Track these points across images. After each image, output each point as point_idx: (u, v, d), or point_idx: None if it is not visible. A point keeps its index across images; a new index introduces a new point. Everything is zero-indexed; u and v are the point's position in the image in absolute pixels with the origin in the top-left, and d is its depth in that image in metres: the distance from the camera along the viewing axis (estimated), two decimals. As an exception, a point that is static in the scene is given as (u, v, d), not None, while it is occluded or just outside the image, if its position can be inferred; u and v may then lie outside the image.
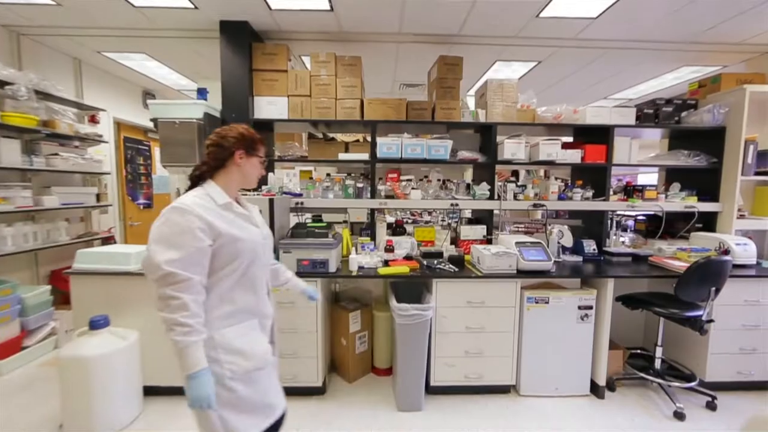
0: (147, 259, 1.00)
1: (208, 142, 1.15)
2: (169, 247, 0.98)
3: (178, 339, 0.95)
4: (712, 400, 2.16)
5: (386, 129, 2.66)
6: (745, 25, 2.52)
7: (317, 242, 2.08)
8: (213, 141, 1.14)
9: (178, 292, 0.96)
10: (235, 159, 1.14)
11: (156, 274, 0.96)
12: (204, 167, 1.14)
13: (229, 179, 1.16)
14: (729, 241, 2.37)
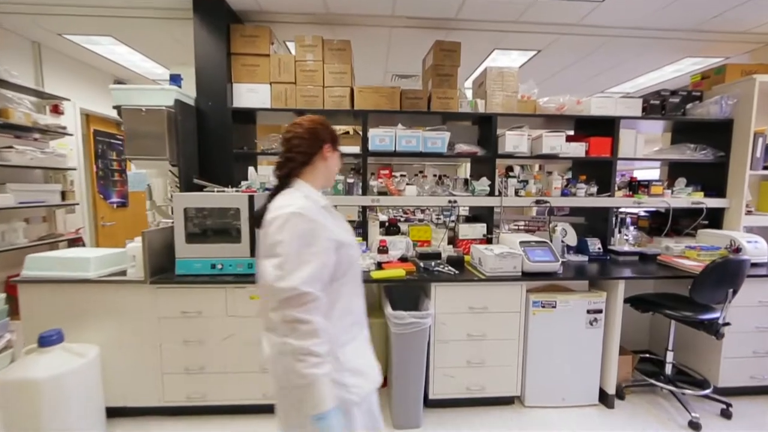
0: (271, 277, 0.84)
1: (289, 135, 1.01)
2: (300, 262, 0.83)
3: (308, 372, 0.80)
4: (726, 408, 2.04)
5: (378, 120, 2.45)
6: (752, 13, 2.40)
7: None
8: (298, 133, 1.01)
9: (308, 314, 0.82)
10: (324, 153, 1.04)
11: (283, 294, 0.82)
12: (292, 164, 1.00)
13: (315, 177, 1.04)
14: (740, 239, 2.25)
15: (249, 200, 1.90)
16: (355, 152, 2.41)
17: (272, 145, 2.49)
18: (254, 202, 1.90)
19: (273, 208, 0.92)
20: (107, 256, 1.91)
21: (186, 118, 2.19)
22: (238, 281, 1.86)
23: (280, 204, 0.92)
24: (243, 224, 1.90)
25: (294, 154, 1.00)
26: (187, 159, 2.18)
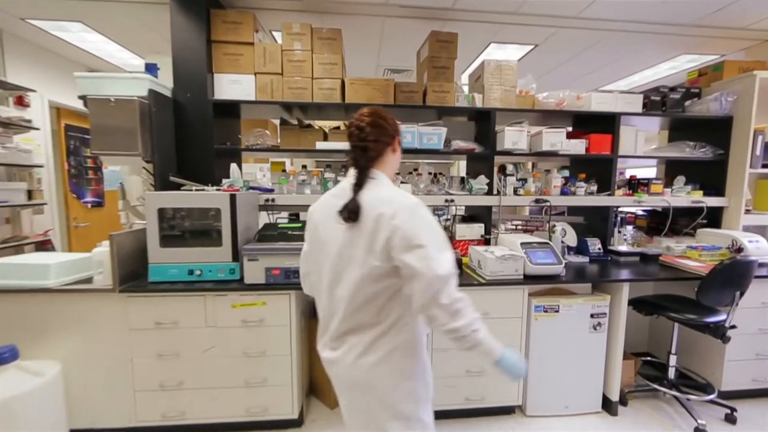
0: (424, 268, 0.84)
1: (363, 123, 0.98)
2: (443, 248, 0.89)
3: (481, 336, 0.88)
4: (731, 413, 1.98)
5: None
6: (752, 8, 2.35)
7: (291, 247, 1.72)
8: (374, 121, 0.99)
9: (459, 290, 0.88)
10: (395, 145, 1.06)
11: (445, 281, 0.85)
12: (371, 153, 0.98)
13: (388, 168, 1.05)
14: (741, 238, 2.20)
15: (231, 200, 1.74)
16: (347, 148, 2.26)
17: (258, 140, 2.32)
18: (237, 202, 1.74)
19: (381, 201, 0.91)
20: (71, 262, 1.72)
21: (161, 110, 2.01)
22: (219, 288, 1.70)
23: (391, 197, 0.93)
24: (224, 226, 1.74)
25: (373, 146, 0.97)
26: (162, 155, 2.00)
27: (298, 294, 1.79)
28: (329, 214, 0.97)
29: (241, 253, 1.73)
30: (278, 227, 1.88)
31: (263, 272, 1.71)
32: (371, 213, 0.89)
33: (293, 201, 2.24)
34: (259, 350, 1.75)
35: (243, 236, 1.82)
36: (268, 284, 1.72)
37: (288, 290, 1.73)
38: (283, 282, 1.72)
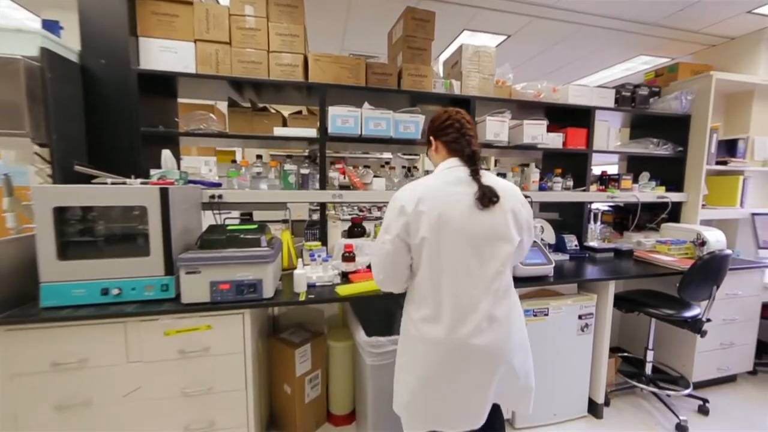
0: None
1: (463, 119, 1.16)
2: None
3: None
4: (704, 404, 2.01)
5: (338, 98, 2.01)
6: (707, 12, 2.45)
7: (244, 254, 1.37)
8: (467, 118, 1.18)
9: None
10: None
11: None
12: (475, 146, 1.14)
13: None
14: (704, 232, 2.26)
15: (162, 196, 1.34)
16: (310, 136, 1.94)
17: (201, 124, 1.90)
18: (170, 198, 1.35)
19: (505, 186, 1.10)
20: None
21: (62, 78, 1.52)
22: (146, 311, 1.30)
23: (502, 182, 1.12)
24: (153, 230, 1.34)
25: (473, 138, 1.13)
26: (64, 137, 1.52)
27: (254, 312, 1.44)
28: (458, 200, 1.04)
29: (176, 265, 1.34)
30: (228, 230, 1.50)
31: (207, 288, 1.34)
32: (507, 196, 1.07)
33: (246, 197, 1.87)
34: (203, 387, 1.37)
35: (180, 242, 1.42)
36: (214, 303, 1.35)
37: (241, 308, 1.38)
38: (234, 299, 1.36)
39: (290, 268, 1.87)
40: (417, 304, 1.10)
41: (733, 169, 2.63)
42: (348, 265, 1.76)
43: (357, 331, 1.50)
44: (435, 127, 1.20)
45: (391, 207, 1.09)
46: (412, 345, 1.12)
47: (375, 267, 1.15)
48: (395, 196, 1.11)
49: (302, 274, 1.52)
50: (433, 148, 1.21)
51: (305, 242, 1.93)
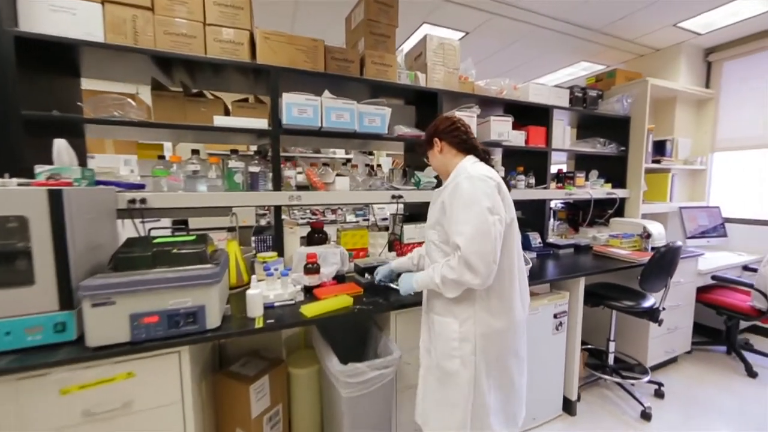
0: None
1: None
2: None
3: None
4: (659, 388, 2.12)
5: (293, 84, 1.74)
6: (643, 22, 2.65)
7: (179, 274, 1.05)
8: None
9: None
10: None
11: None
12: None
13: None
14: (648, 226, 2.42)
15: (51, 201, 0.97)
16: (260, 127, 1.64)
17: (115, 110, 1.49)
18: (65, 204, 0.98)
19: None
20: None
21: None
22: (31, 363, 0.92)
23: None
24: (38, 248, 0.96)
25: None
26: None
27: (195, 349, 1.13)
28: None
29: (78, 295, 0.98)
30: (155, 243, 1.16)
31: (126, 323, 1.00)
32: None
33: (179, 202, 1.50)
34: (123, 457, 1.02)
35: (83, 264, 1.05)
36: (136, 343, 1.01)
37: (176, 346, 1.06)
38: (167, 335, 1.04)
39: (240, 285, 1.55)
40: (499, 293, 1.15)
41: (663, 167, 2.89)
42: (312, 279, 1.51)
43: (327, 358, 1.26)
44: (441, 130, 1.28)
45: (483, 186, 1.09)
46: (491, 341, 1.15)
47: (484, 258, 1.04)
48: (476, 175, 1.11)
49: (257, 294, 1.23)
50: (438, 149, 1.29)
51: (257, 253, 1.63)
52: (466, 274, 1.05)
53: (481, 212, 1.05)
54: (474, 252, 1.03)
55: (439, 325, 1.21)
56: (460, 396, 1.14)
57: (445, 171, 1.30)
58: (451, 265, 1.08)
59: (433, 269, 1.16)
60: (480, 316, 1.14)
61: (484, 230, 1.04)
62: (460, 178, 1.12)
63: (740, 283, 2.38)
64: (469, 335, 1.14)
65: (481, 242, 1.04)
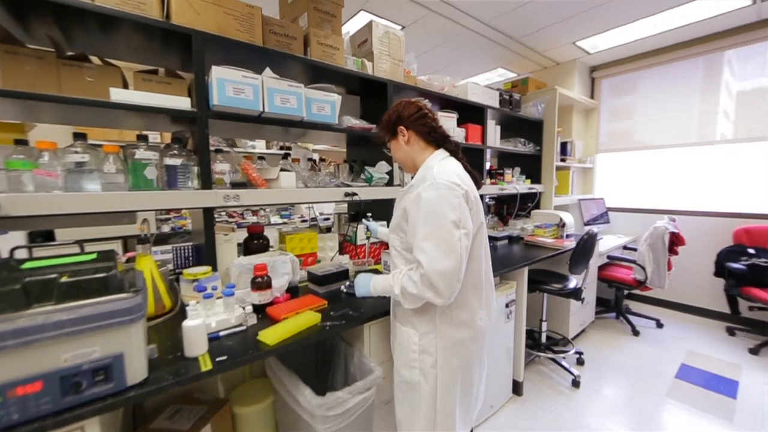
0: None
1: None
2: None
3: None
4: (580, 356, 2.43)
5: (221, 57, 1.41)
6: (552, 36, 3.00)
7: (73, 315, 0.70)
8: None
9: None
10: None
11: None
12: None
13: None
14: (563, 216, 2.77)
15: None
16: (181, 108, 1.28)
17: None
18: None
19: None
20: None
21: None
22: None
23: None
24: None
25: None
26: None
27: (106, 419, 0.79)
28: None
29: None
30: (23, 270, 0.76)
31: (-21, 404, 0.62)
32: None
33: (57, 206, 1.06)
34: None
35: None
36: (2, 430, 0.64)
37: (77, 420, 0.71)
38: (60, 407, 0.69)
39: (161, 314, 1.19)
40: (461, 304, 1.06)
41: (567, 165, 3.36)
42: (262, 295, 1.24)
43: (294, 389, 1.03)
44: (407, 117, 1.14)
45: (450, 196, 0.97)
46: (452, 354, 1.07)
47: (447, 278, 0.95)
48: (443, 182, 0.98)
49: (199, 325, 0.93)
50: (405, 139, 1.15)
51: (185, 270, 1.27)
52: (427, 292, 0.97)
53: (446, 226, 0.95)
54: (437, 272, 0.94)
55: (400, 334, 1.14)
56: (422, 405, 1.09)
57: (411, 165, 1.19)
58: (413, 279, 0.99)
59: (393, 277, 1.06)
60: (442, 330, 1.06)
61: (447, 248, 0.95)
62: (424, 186, 1.00)
63: (627, 260, 2.90)
64: (429, 348, 1.07)
65: (444, 261, 0.94)
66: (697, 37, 3.04)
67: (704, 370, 2.31)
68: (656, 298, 3.36)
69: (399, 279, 1.03)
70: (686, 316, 3.18)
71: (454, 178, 1.01)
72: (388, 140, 1.20)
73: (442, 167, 1.05)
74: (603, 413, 1.93)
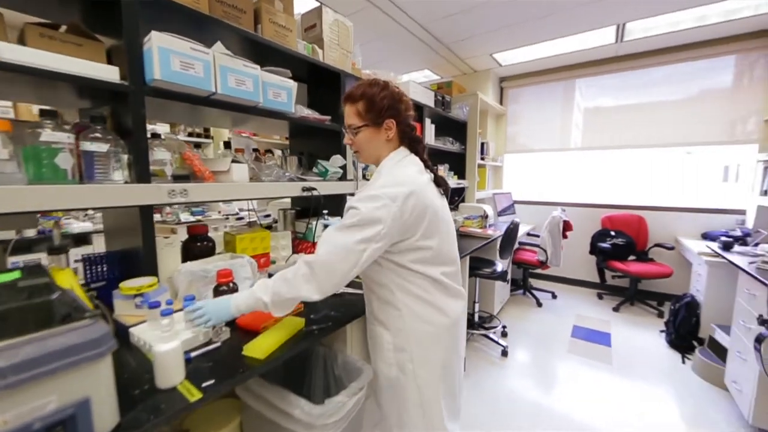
0: None
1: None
2: None
3: None
4: (504, 329, 2.81)
5: (156, 21, 1.16)
6: (472, 46, 3.32)
7: (18, 358, 0.50)
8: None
9: None
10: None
11: None
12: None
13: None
14: (485, 208, 3.13)
15: None
16: (106, 78, 1.01)
17: None
18: None
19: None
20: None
21: None
22: None
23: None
24: None
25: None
26: None
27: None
28: (432, 189, 1.04)
29: None
30: None
31: None
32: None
33: None
34: None
35: None
36: None
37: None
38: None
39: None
40: (426, 300, 1.03)
41: (484, 163, 3.79)
42: (230, 305, 1.08)
43: (283, 403, 0.94)
44: (401, 112, 1.05)
45: (374, 210, 0.90)
46: (425, 346, 1.05)
47: (333, 275, 0.91)
48: (378, 195, 0.92)
49: (175, 349, 0.77)
50: (390, 134, 1.04)
51: (123, 284, 1.02)
52: (302, 287, 0.91)
53: (353, 236, 0.90)
54: (326, 268, 0.90)
55: (372, 332, 1.12)
56: (408, 401, 1.07)
57: (376, 158, 1.08)
58: (286, 276, 0.93)
59: (259, 285, 0.95)
60: (411, 327, 1.03)
61: (340, 248, 0.90)
62: (363, 194, 0.94)
63: (533, 245, 3.45)
64: (403, 345, 1.04)
65: (336, 259, 0.90)
66: (568, 64, 3.78)
67: (588, 328, 2.94)
68: (550, 275, 4.10)
69: (269, 285, 0.94)
70: (572, 287, 3.97)
71: (396, 189, 0.92)
72: (365, 125, 1.03)
73: (397, 174, 0.99)
74: (527, 374, 2.29)
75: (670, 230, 3.43)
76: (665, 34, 3.04)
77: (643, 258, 3.39)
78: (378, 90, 1.03)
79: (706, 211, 3.30)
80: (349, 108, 1.06)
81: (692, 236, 3.26)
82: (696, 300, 2.58)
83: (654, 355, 2.52)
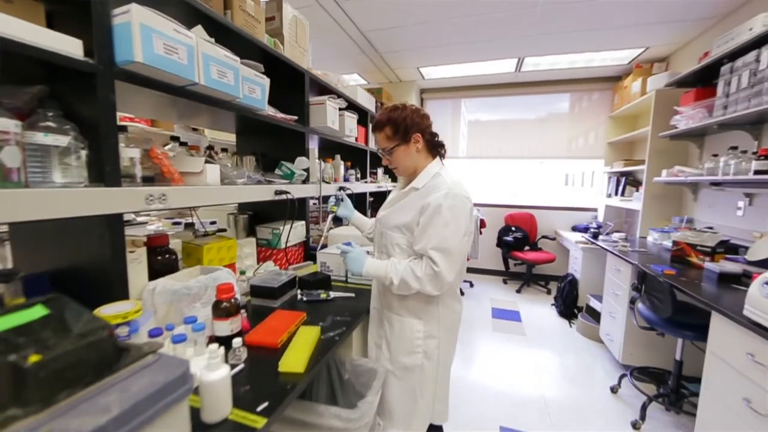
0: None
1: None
2: None
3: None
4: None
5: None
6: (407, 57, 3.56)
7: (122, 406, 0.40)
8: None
9: None
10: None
11: None
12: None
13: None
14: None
15: None
16: (64, 52, 0.79)
17: None
18: None
19: None
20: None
21: None
22: None
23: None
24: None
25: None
26: None
27: None
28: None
29: None
30: None
31: None
32: None
33: None
34: None
35: None
36: None
37: None
38: None
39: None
40: (456, 284, 1.20)
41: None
42: (234, 323, 0.98)
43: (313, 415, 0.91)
44: (421, 124, 1.17)
45: (464, 207, 1.08)
46: (451, 331, 1.22)
47: (451, 274, 1.07)
48: (459, 193, 1.08)
49: (224, 377, 0.68)
50: (419, 146, 1.18)
51: (102, 311, 0.81)
52: (427, 286, 1.05)
53: (459, 233, 1.06)
54: (447, 270, 1.04)
55: (399, 324, 1.18)
56: (424, 386, 1.16)
57: (413, 171, 1.20)
58: (416, 275, 1.05)
59: (391, 266, 1.08)
60: (443, 315, 1.17)
61: (458, 251, 1.06)
62: (440, 194, 1.07)
63: (456, 241, 3.90)
64: (433, 332, 1.16)
65: (453, 268, 1.05)
66: (475, 84, 4.44)
67: (502, 308, 3.51)
68: (468, 267, 4.67)
69: (400, 271, 1.06)
70: (484, 276, 4.62)
71: (465, 191, 1.11)
72: (397, 145, 1.15)
73: (453, 180, 1.13)
74: (465, 357, 2.62)
75: (551, 225, 4.35)
76: (545, 70, 3.85)
77: (534, 248, 4.21)
78: (399, 113, 1.16)
79: (572, 209, 4.31)
80: (378, 134, 1.19)
81: (566, 229, 4.21)
82: (575, 278, 3.36)
83: (549, 324, 3.18)
